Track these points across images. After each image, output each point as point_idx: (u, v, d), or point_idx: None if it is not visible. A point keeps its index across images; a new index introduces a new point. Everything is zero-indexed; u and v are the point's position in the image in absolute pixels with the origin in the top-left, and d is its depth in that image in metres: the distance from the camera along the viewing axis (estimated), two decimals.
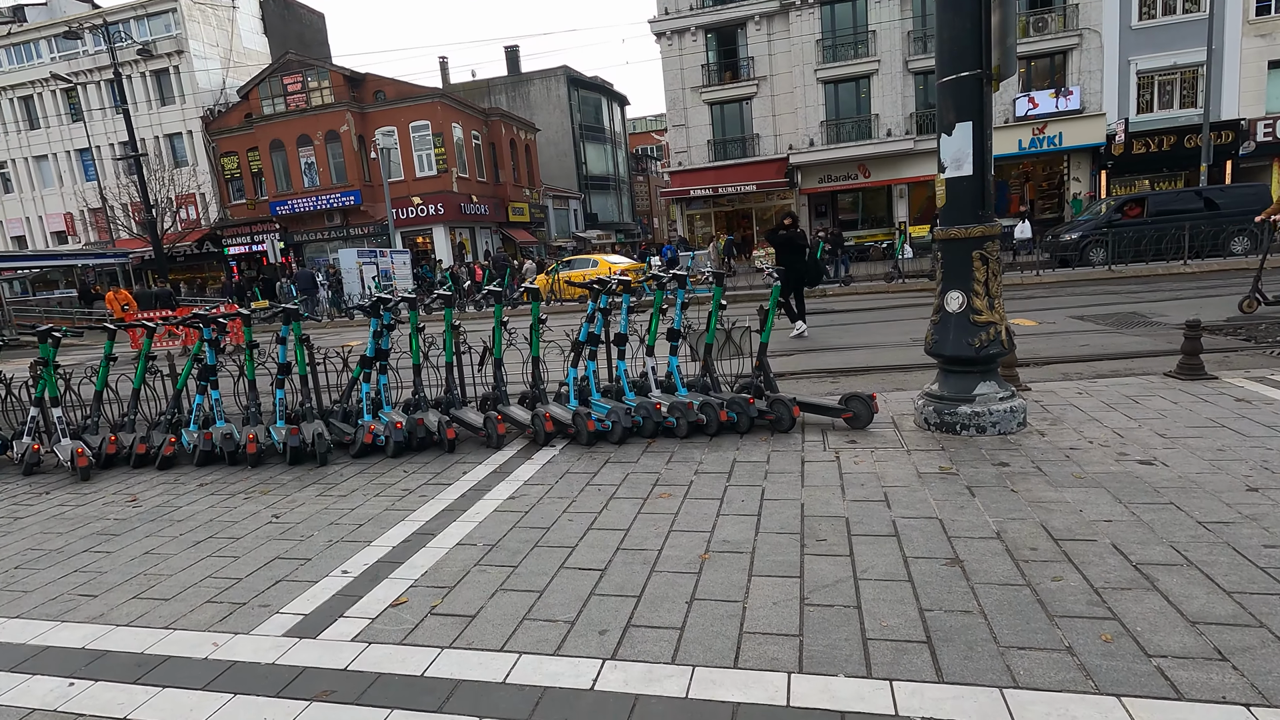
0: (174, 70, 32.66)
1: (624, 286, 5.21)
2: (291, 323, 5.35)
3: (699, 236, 29.16)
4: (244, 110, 32.02)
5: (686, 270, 16.40)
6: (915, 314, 10.91)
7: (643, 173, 57.96)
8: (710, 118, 27.84)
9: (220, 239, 32.93)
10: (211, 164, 33.03)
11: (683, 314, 5.30)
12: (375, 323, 5.41)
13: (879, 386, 6.04)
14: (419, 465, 4.69)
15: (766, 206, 28.97)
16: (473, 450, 4.95)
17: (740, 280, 19.16)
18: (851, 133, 26.35)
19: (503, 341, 5.42)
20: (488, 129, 34.82)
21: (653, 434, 4.83)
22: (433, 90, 31.00)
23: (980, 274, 4.24)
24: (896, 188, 26.79)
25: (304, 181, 31.00)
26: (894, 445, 4.23)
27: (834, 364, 7.41)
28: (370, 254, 21.27)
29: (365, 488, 4.31)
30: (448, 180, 30.71)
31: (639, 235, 51.87)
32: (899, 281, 15.24)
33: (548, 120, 42.74)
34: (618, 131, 49.59)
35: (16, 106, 34.80)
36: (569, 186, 43.59)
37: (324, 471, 4.74)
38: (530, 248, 37.07)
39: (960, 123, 4.14)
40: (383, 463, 4.84)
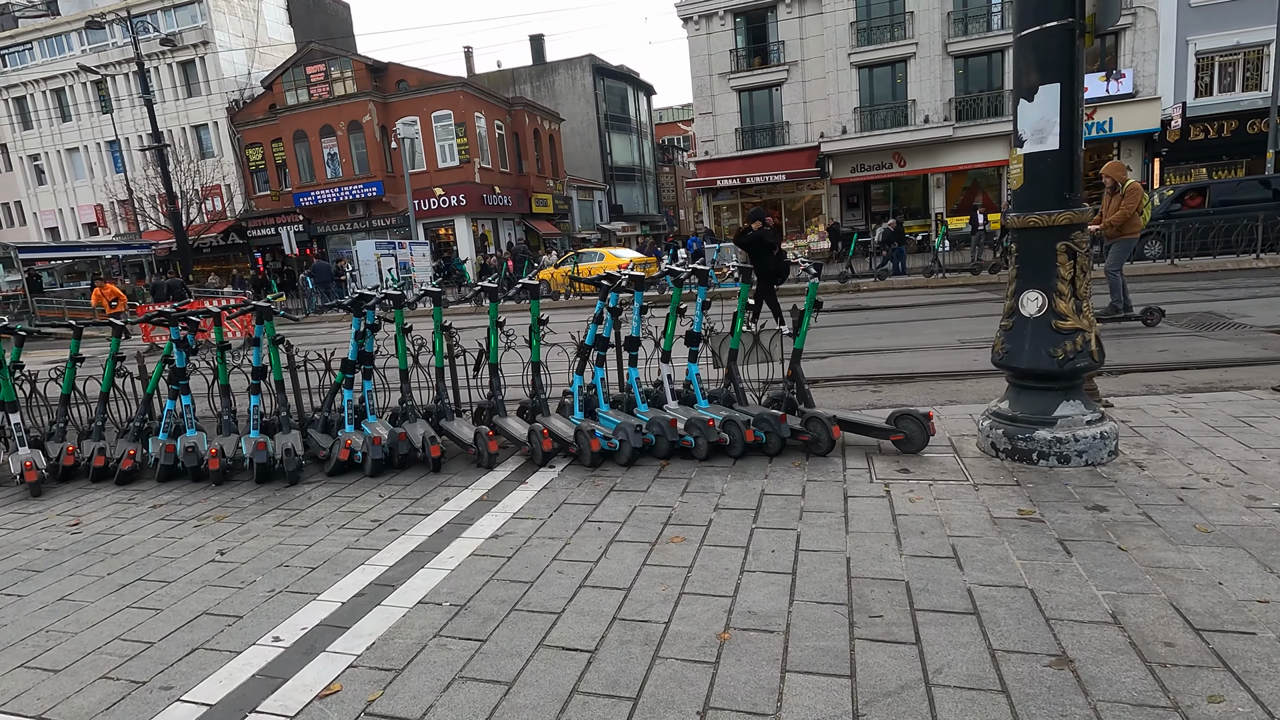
0: (200, 61, 32.68)
1: (636, 283, 4.53)
2: (264, 321, 4.78)
3: (726, 228, 28.31)
4: (268, 101, 31.92)
5: (711, 264, 15.44)
6: (959, 311, 10.07)
7: (669, 164, 57.05)
8: (738, 105, 26.92)
9: (245, 230, 32.96)
10: (237, 155, 33.04)
11: (704, 314, 4.61)
12: (357, 322, 4.82)
13: (928, 398, 5.29)
14: (398, 488, 4.09)
15: (796, 197, 28.01)
16: (461, 469, 4.33)
17: None
18: (886, 120, 25.25)
19: (499, 344, 4.80)
20: (511, 119, 34.30)
21: (667, 455, 4.16)
22: (455, 79, 30.54)
23: (1066, 270, 3.48)
24: (933, 177, 25.63)
25: (327, 172, 30.82)
26: (956, 476, 3.50)
27: (873, 369, 6.66)
28: (389, 245, 20.88)
29: (331, 516, 3.71)
30: (470, 171, 30.27)
31: (664, 227, 51.07)
32: (939, 276, 14.30)
33: (572, 110, 42.08)
34: (644, 121, 48.75)
35: (49, 99, 35.19)
36: (594, 177, 42.94)
37: (291, 493, 4.16)
38: (553, 240, 36.56)
39: (1045, 85, 3.38)
40: (359, 483, 4.25)
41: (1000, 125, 24.00)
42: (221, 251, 33.99)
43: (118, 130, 31.50)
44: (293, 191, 31.45)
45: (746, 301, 4.42)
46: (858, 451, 4.02)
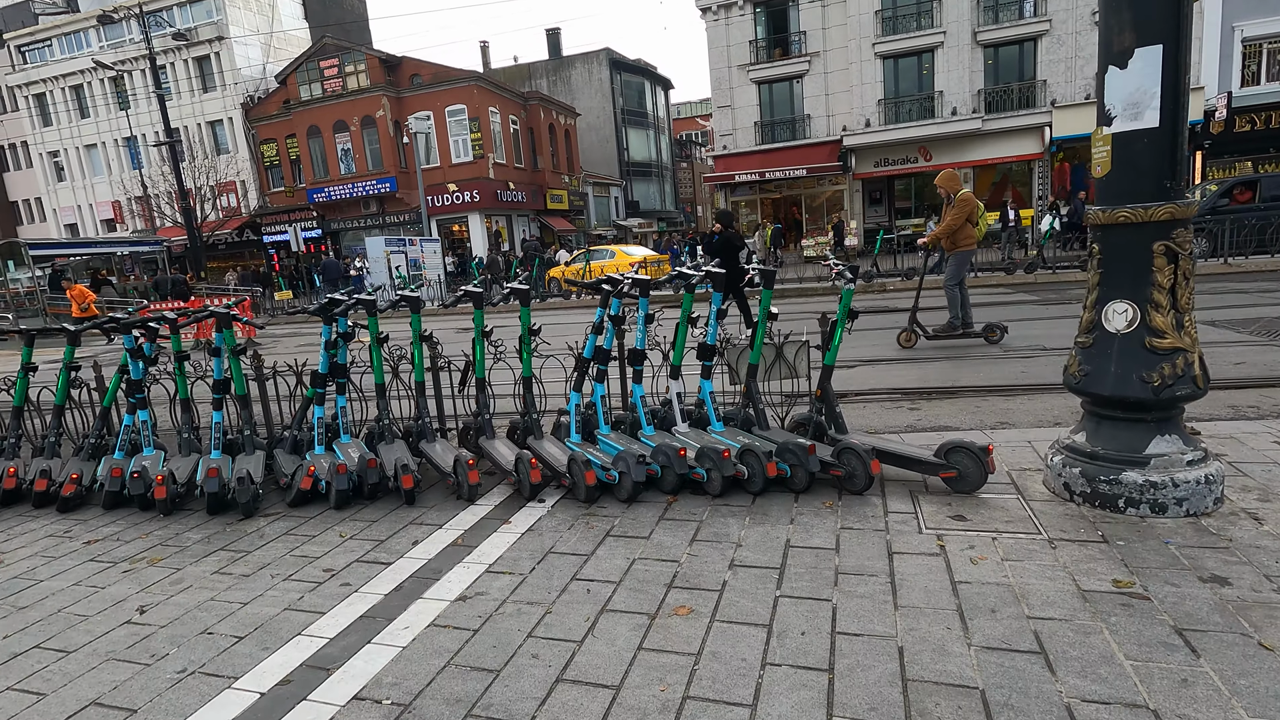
0: (215, 56, 32.55)
1: (641, 288, 3.94)
2: (223, 329, 4.26)
3: (745, 225, 27.61)
4: (282, 96, 31.72)
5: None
6: (997, 315, 9.34)
7: (687, 159, 56.33)
8: (758, 98, 26.17)
9: (260, 226, 32.82)
10: (251, 151, 32.89)
11: (719, 324, 4.01)
12: (326, 330, 4.29)
13: (975, 418, 4.65)
14: (363, 525, 3.54)
15: (817, 193, 27.22)
16: (439, 501, 3.78)
17: (789, 272, 17.68)
18: (912, 112, 24.37)
19: (486, 356, 4.23)
20: (526, 113, 33.81)
21: (675, 488, 3.57)
22: (469, 73, 30.10)
23: (1164, 276, 2.84)
24: (961, 172, 24.69)
25: (340, 168, 30.55)
26: (1024, 528, 2.88)
27: (909, 381, 6.01)
28: (399, 242, 20.45)
29: (280, 562, 3.17)
30: (484, 166, 29.83)
31: (682, 223, 50.39)
32: (972, 275, 13.50)
33: (589, 104, 41.51)
34: (661, 116, 48.06)
35: (68, 96, 35.29)
36: (610, 173, 42.36)
37: (243, 529, 3.63)
38: (569, 236, 36.06)
39: (1143, 48, 2.73)
40: (321, 517, 3.71)
41: (1032, 117, 23.06)
42: (236, 248, 33.91)
43: (134, 126, 31.46)
44: (306, 188, 31.23)
45: (769, 310, 3.81)
46: (899, 487, 3.40)
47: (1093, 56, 22.66)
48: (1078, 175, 24.11)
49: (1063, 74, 22.86)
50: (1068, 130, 22.72)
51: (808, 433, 3.90)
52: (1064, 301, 10.14)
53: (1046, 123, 23.02)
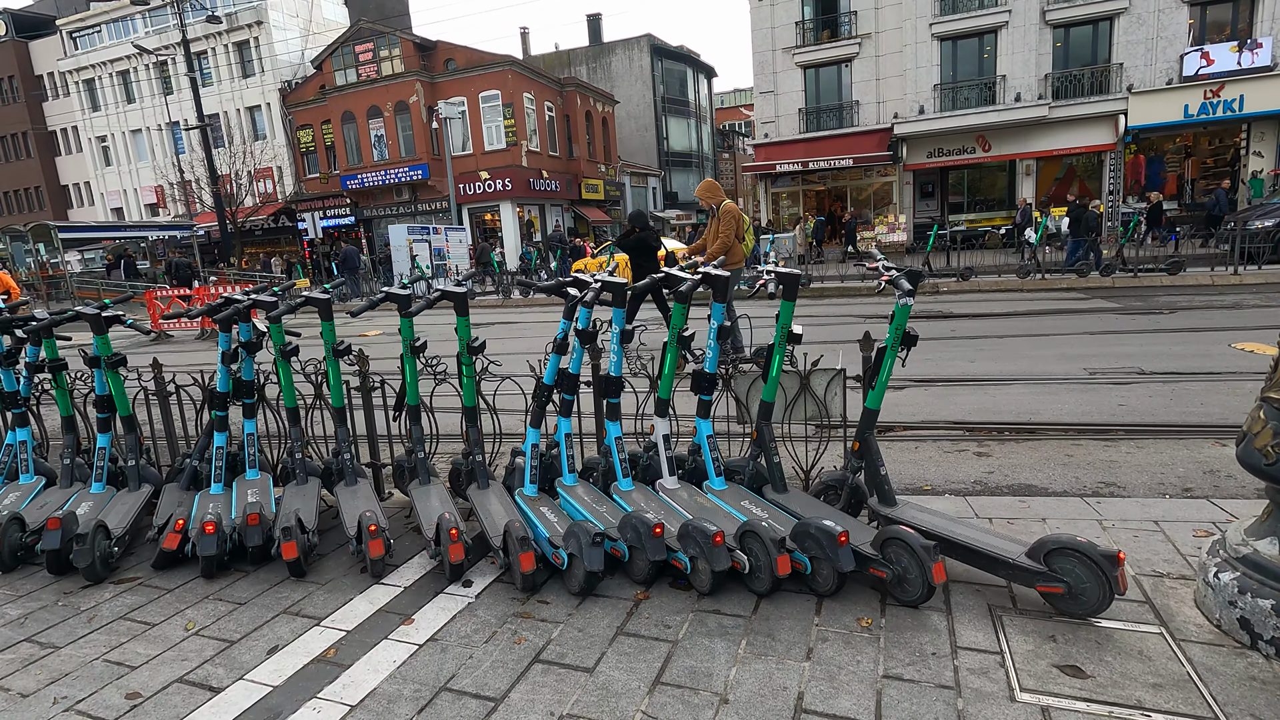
0: (254, 42, 32.48)
1: (616, 294, 2.90)
2: (101, 334, 3.39)
3: (785, 218, 26.22)
4: (319, 82, 31.45)
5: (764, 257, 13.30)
6: (1071, 325, 8.02)
7: (729, 150, 54.78)
8: (803, 83, 24.68)
9: (294, 213, 32.73)
10: (288, 137, 32.78)
11: (721, 344, 2.96)
12: (224, 339, 3.38)
13: (1068, 474, 3.50)
14: (225, 609, 2.62)
15: (864, 185, 25.63)
16: (337, 575, 2.84)
17: (829, 270, 16.37)
18: (971, 98, 22.59)
19: (417, 377, 3.27)
20: (563, 100, 32.89)
21: (648, 578, 2.56)
22: (504, 58, 29.28)
23: None
24: (1022, 163, 22.86)
25: (374, 155, 30.14)
26: (1184, 697, 1.77)
27: (972, 410, 4.84)
28: (422, 231, 19.77)
29: (84, 672, 2.27)
30: (517, 154, 29.03)
31: None
32: (1036, 277, 12.06)
33: (629, 92, 40.40)
34: (703, 105, 46.65)
35: (115, 81, 35.77)
36: (648, 163, 41.21)
37: (75, 605, 2.75)
38: (603, 228, 35.14)
39: None
40: (182, 590, 2.81)
41: (1105, 104, 21.11)
42: (272, 234, 33.93)
43: (176, 112, 31.58)
44: (340, 174, 30.94)
45: (789, 329, 2.74)
46: (972, 596, 2.32)
47: (1177, 37, 20.66)
48: (1154, 169, 22.10)
49: (1141, 56, 20.84)
50: (1145, 119, 20.73)
51: (839, 500, 2.83)
52: (1152, 310, 8.71)
53: (1121, 110, 21.05)
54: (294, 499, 3.20)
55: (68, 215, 38.24)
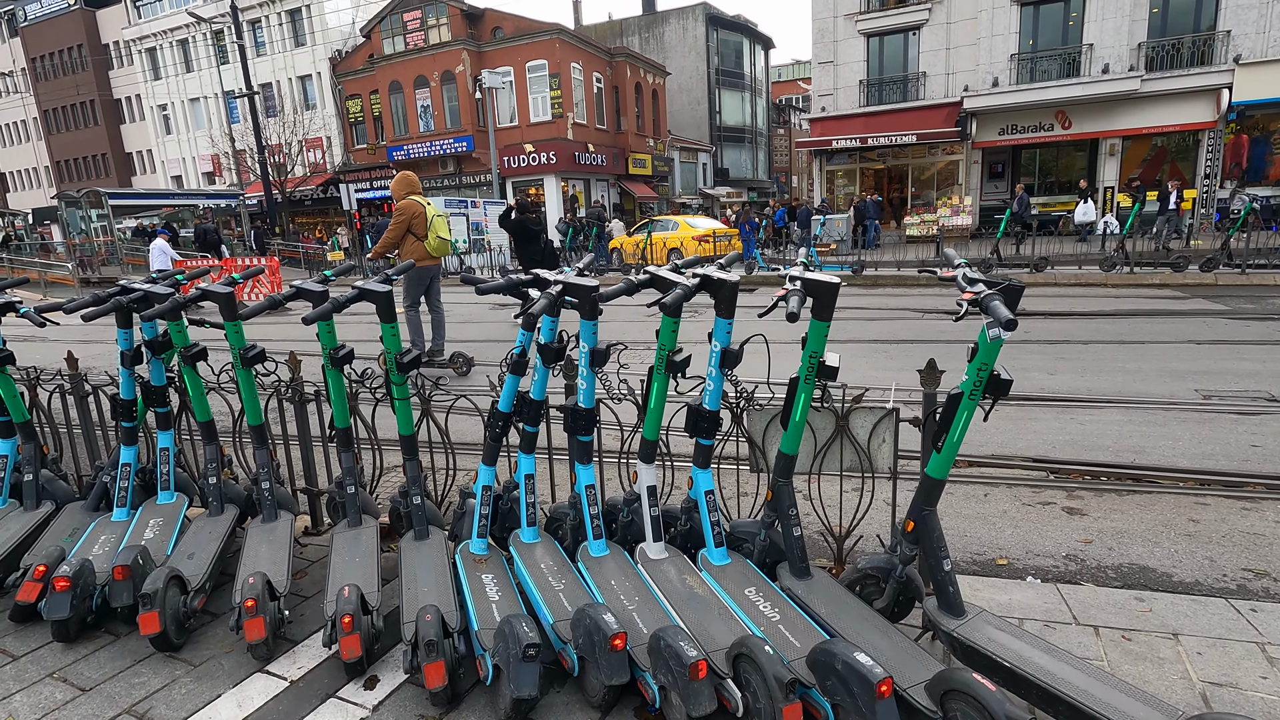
0: (306, 10, 32.39)
1: (582, 299, 2.14)
2: None
3: (839, 197, 24.81)
4: (367, 51, 31.21)
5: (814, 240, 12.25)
6: (1171, 331, 6.88)
7: (784, 125, 52.79)
8: (865, 52, 23.08)
9: (340, 183, 32.81)
10: (337, 106, 32.75)
11: (727, 373, 2.18)
12: (122, 337, 2.77)
13: (1200, 551, 2.62)
14: (58, 700, 2.02)
15: (926, 164, 23.98)
16: (218, 653, 2.21)
17: (884, 255, 15.19)
18: (1051, 70, 20.69)
19: (344, 394, 2.59)
20: (612, 71, 31.86)
21: (603, 703, 1.84)
22: (551, 26, 28.39)
23: None
24: (1105, 142, 20.92)
25: (420, 126, 29.82)
26: None
27: (1054, 443, 3.93)
28: (459, 204, 19.25)
29: None
30: (563, 126, 28.25)
31: (774, 194, 47.38)
32: (1124, 271, 10.71)
33: (681, 64, 39.00)
34: (759, 78, 44.81)
35: (174, 50, 36.34)
36: (699, 138, 39.88)
37: None
38: (649, 204, 34.18)
39: None
40: (33, 656, 2.23)
41: (1206, 77, 19.02)
42: (321, 204, 34.14)
43: (230, 81, 31.84)
44: (387, 145, 30.77)
45: (820, 357, 1.95)
46: None
47: None
48: (1258, 151, 19.90)
49: (1253, 23, 18.63)
50: (1254, 94, 18.58)
51: (880, 594, 2.05)
52: (1270, 316, 7.45)
53: (1225, 84, 18.92)
54: (195, 538, 2.60)
55: (131, 182, 39.36)
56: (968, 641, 1.78)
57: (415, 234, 5.88)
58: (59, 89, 39.74)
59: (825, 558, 2.57)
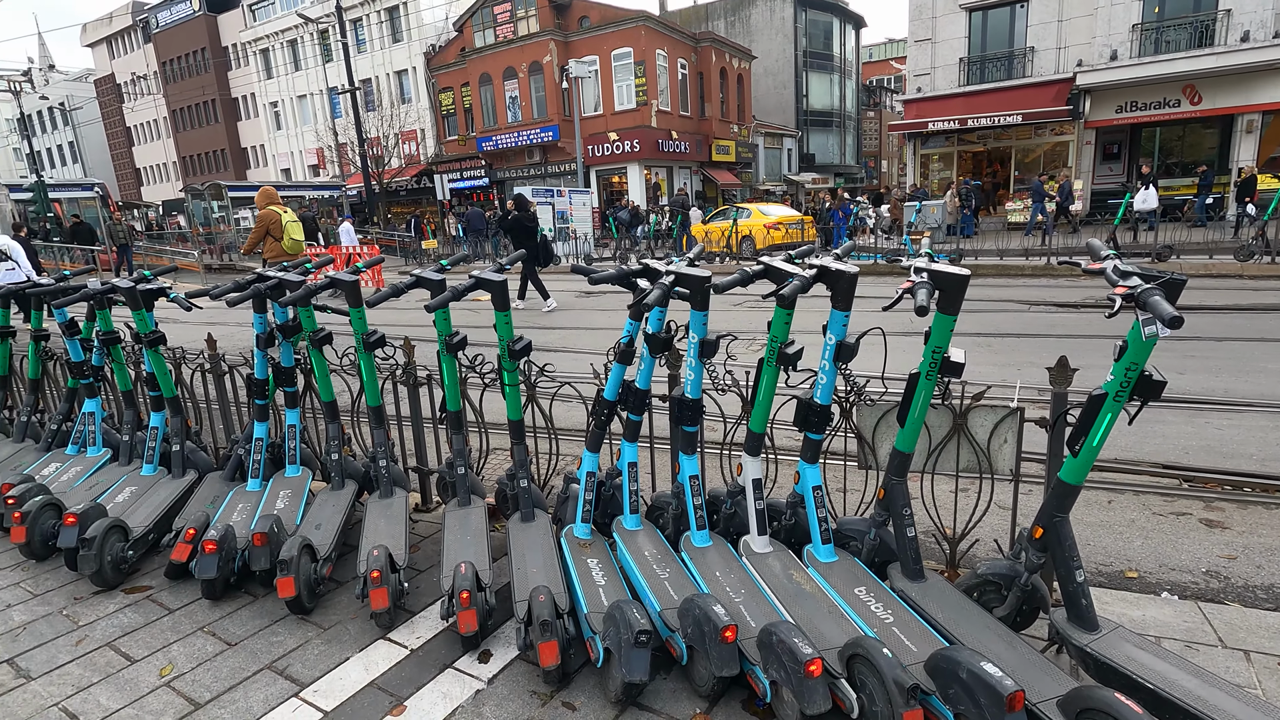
0: (403, 6, 33.69)
1: (694, 288, 2.14)
2: (140, 308, 3.11)
3: (934, 183, 23.65)
4: (460, 44, 32.18)
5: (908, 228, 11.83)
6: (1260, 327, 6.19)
7: (874, 108, 50.78)
8: (967, 28, 21.80)
9: (434, 174, 34.09)
10: (431, 100, 33.97)
11: (839, 367, 2.12)
12: (258, 321, 2.99)
13: None
14: (211, 651, 2.22)
15: (1032, 146, 22.49)
16: (344, 619, 2.36)
17: (985, 242, 14.40)
18: (1179, 41, 18.90)
19: (457, 379, 2.69)
20: (697, 57, 31.53)
21: (712, 693, 1.85)
22: (637, 14, 28.35)
23: None
24: (1242, 118, 18.95)
25: (508, 116, 30.54)
26: None
27: (1186, 448, 3.62)
28: (546, 193, 19.63)
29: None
30: (647, 114, 28.23)
31: (862, 179, 45.76)
32: (1263, 261, 9.71)
33: (767, 47, 38.12)
34: (849, 60, 43.19)
35: (285, 50, 38.67)
36: (785, 123, 38.94)
37: (77, 615, 2.47)
38: (733, 191, 33.74)
39: None
40: (184, 611, 2.46)
41: None
42: (415, 194, 35.61)
43: (334, 78, 33.61)
44: (476, 136, 31.70)
45: (944, 352, 1.87)
46: None
47: None
48: None
49: None
50: None
51: (1001, 603, 1.95)
52: None
53: None
54: (321, 510, 2.78)
55: (246, 175, 42.28)
56: (1103, 658, 1.67)
57: (274, 236, 7.14)
58: (185, 90, 43.07)
59: (933, 560, 2.48)
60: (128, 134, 48.26)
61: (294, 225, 7.30)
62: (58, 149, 51.83)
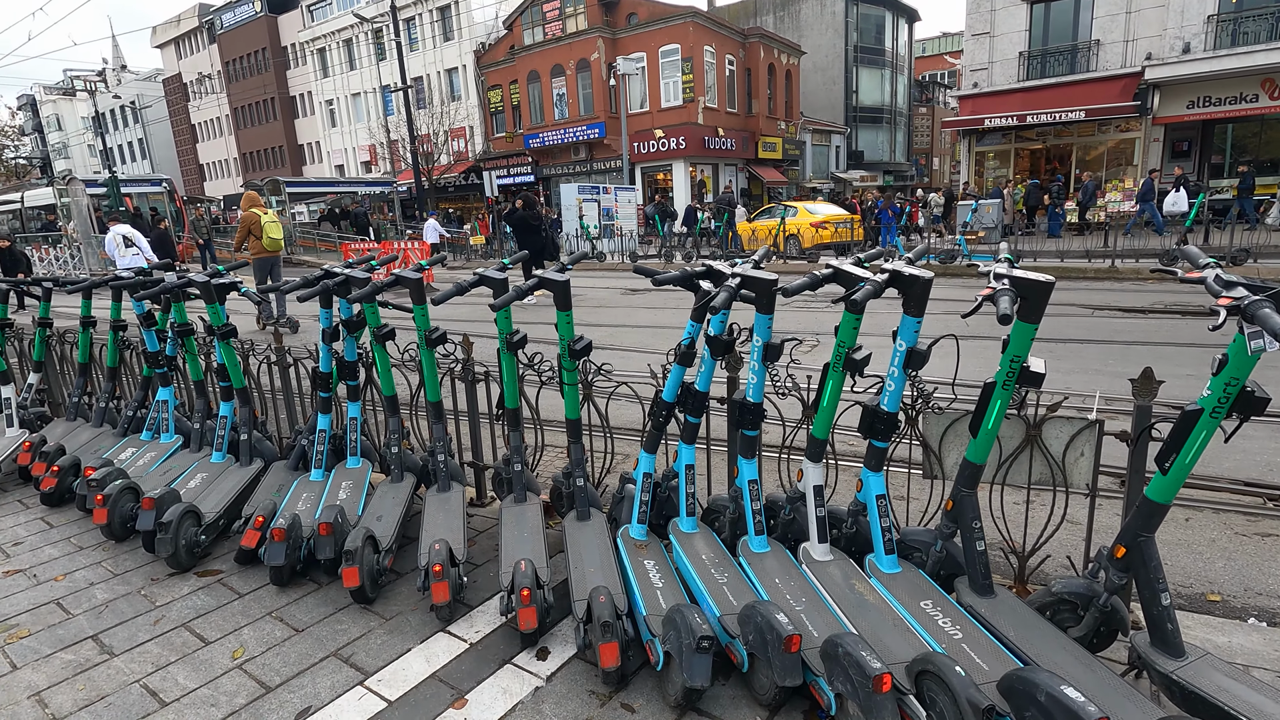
0: (455, 5, 34.24)
1: (759, 291, 2.11)
2: (215, 301, 3.22)
3: (989, 181, 22.94)
4: (509, 42, 32.53)
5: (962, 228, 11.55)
6: None
7: (926, 104, 49.50)
8: (1027, 21, 21.06)
9: (481, 170, 34.59)
10: (480, 97, 34.46)
11: (909, 374, 2.07)
12: (324, 316, 3.07)
13: None
14: (277, 637, 2.29)
15: (1095, 143, 21.63)
16: (405, 610, 2.41)
17: (1044, 244, 13.92)
18: (1259, 32, 17.91)
19: (516, 377, 2.72)
20: (745, 53, 31.23)
21: (773, 702, 1.83)
22: (685, 9, 28.22)
23: None
24: None
25: (555, 114, 30.76)
26: None
27: (1269, 464, 3.44)
28: (592, 190, 19.71)
29: (117, 699, 2.02)
30: (693, 111, 28.10)
31: (912, 177, 44.69)
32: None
33: (817, 42, 37.51)
34: (901, 54, 42.19)
35: (340, 50, 39.71)
36: (833, 119, 38.29)
37: (154, 596, 2.58)
38: (778, 188, 33.34)
39: None
40: (253, 596, 2.54)
41: None
42: (462, 191, 36.21)
43: (387, 76, 34.38)
44: (524, 133, 32.03)
45: (1023, 361, 1.81)
46: None
47: None
48: None
49: None
50: None
51: (1078, 624, 1.88)
52: None
53: None
54: (381, 501, 2.84)
55: (302, 171, 43.60)
56: (1190, 687, 1.59)
57: (255, 235, 8.21)
58: (246, 89, 44.59)
59: (999, 575, 2.40)
60: (192, 131, 50.22)
61: (272, 225, 8.36)
62: (128, 145, 54.29)
